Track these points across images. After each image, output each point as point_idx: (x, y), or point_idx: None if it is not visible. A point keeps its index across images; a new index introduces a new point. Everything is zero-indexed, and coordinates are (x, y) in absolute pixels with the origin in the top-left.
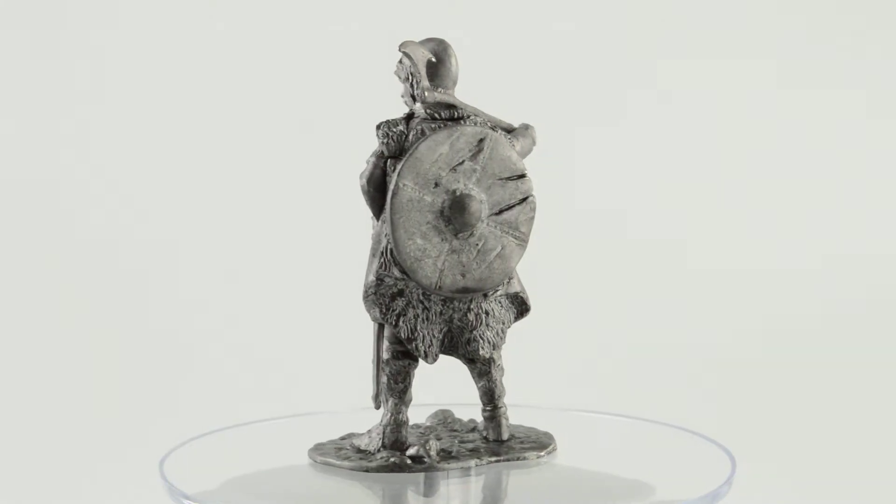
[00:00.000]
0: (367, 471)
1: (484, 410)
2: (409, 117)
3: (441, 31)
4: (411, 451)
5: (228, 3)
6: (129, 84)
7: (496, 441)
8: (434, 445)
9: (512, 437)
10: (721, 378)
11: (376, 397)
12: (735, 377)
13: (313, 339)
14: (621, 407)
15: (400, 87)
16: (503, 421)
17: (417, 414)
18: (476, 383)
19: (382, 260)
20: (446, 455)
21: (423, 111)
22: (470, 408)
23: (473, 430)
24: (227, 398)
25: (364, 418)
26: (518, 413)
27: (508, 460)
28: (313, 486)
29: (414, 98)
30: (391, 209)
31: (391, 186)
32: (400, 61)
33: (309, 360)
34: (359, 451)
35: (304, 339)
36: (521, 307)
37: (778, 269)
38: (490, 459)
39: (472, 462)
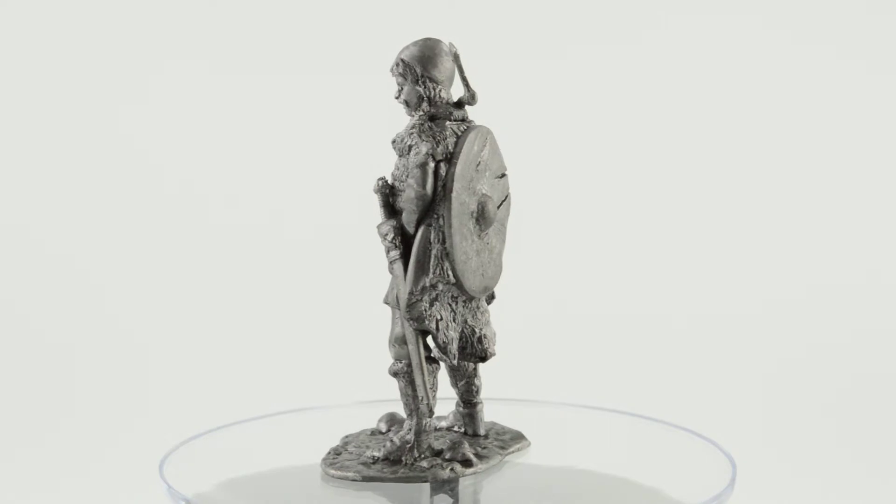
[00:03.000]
0: (427, 481)
1: (465, 406)
2: (431, 119)
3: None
4: (451, 455)
5: (225, 4)
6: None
7: (475, 436)
8: (468, 447)
9: (488, 431)
10: (722, 378)
11: (428, 403)
12: (735, 377)
13: (309, 336)
14: (620, 404)
15: (394, 89)
16: (482, 416)
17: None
18: (458, 381)
19: (437, 265)
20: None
21: (442, 112)
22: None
23: (437, 428)
24: (224, 397)
25: (362, 414)
26: (515, 409)
27: (512, 453)
28: (314, 489)
29: (430, 101)
30: (451, 214)
31: (450, 191)
32: (404, 62)
33: (305, 356)
34: (391, 461)
35: (300, 337)
36: (489, 299)
37: (773, 266)
38: (504, 454)
39: (497, 459)
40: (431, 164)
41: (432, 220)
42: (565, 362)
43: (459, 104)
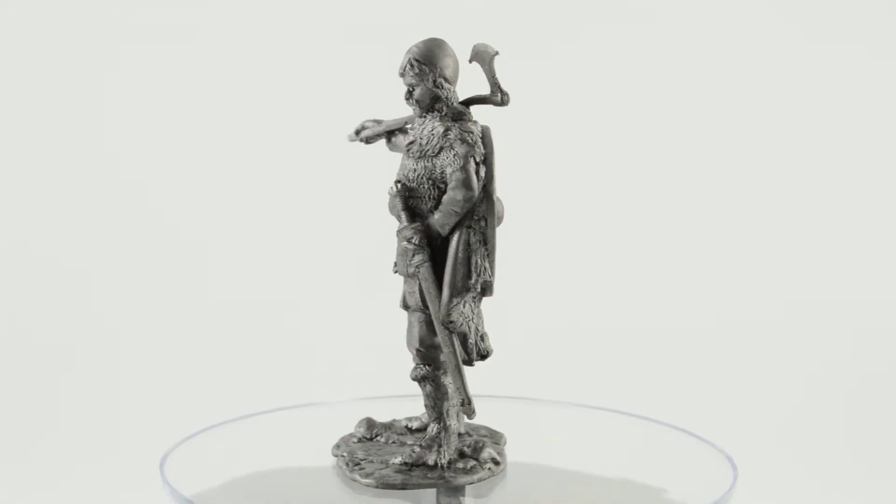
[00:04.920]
0: (473, 482)
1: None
2: (453, 120)
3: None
4: (478, 455)
5: (227, 5)
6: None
7: (458, 434)
8: (491, 447)
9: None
10: (722, 379)
11: (469, 404)
12: (735, 378)
13: (308, 333)
14: (620, 404)
15: (403, 90)
16: (463, 417)
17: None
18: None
19: (481, 266)
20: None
21: (459, 113)
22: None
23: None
24: (224, 395)
25: (361, 412)
26: (516, 408)
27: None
28: (314, 488)
29: (446, 101)
30: (493, 216)
31: (492, 192)
32: (420, 62)
33: (303, 355)
34: (428, 466)
35: (298, 336)
36: None
37: (774, 268)
38: (503, 451)
39: (505, 457)
40: (473, 165)
41: (472, 221)
42: (566, 363)
43: (467, 103)
